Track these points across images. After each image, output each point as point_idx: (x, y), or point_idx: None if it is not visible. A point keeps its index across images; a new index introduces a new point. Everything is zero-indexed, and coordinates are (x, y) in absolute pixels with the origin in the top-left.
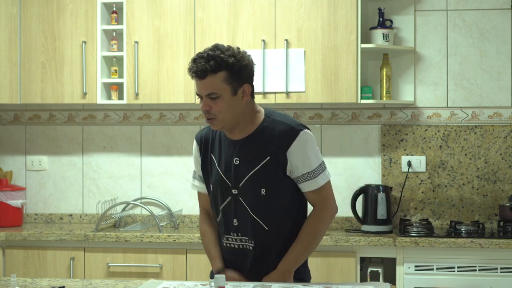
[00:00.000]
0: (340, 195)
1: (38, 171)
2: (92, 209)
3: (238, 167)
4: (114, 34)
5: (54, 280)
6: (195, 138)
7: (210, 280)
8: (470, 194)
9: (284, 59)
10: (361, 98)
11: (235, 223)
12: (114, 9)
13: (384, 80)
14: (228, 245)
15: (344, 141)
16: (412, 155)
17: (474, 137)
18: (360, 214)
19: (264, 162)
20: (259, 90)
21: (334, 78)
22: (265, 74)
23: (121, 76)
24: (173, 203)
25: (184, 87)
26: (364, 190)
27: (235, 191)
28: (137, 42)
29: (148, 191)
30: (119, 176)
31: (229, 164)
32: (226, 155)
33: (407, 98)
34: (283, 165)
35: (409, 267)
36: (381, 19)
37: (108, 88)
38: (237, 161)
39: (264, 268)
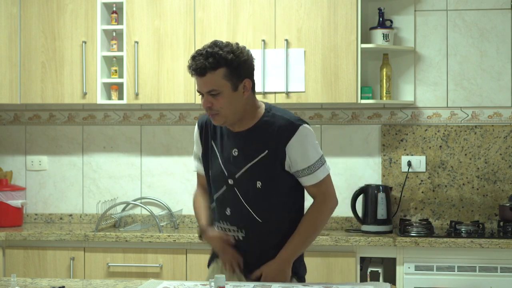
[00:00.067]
0: (340, 195)
1: (38, 171)
2: (92, 209)
3: (236, 158)
4: (114, 34)
5: (54, 280)
6: (197, 123)
7: (210, 280)
8: (470, 194)
9: (284, 59)
10: (361, 98)
11: (228, 212)
12: (114, 9)
13: (384, 80)
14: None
15: (344, 141)
16: (412, 155)
17: (474, 137)
18: (360, 214)
19: (263, 155)
20: (259, 90)
21: (334, 78)
22: (265, 74)
23: (121, 76)
24: (173, 203)
25: (184, 87)
26: (364, 190)
27: (231, 181)
28: (137, 42)
29: (148, 191)
30: (119, 176)
31: (228, 154)
32: (226, 145)
33: (407, 98)
34: (282, 159)
35: (409, 267)
36: (381, 19)
37: (108, 88)
38: (235, 152)
39: (252, 258)
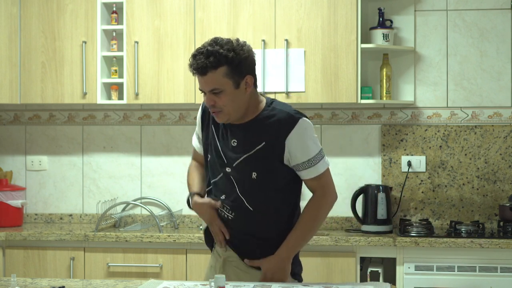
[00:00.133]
0: (340, 195)
1: (38, 171)
2: (92, 209)
3: (235, 148)
4: (114, 34)
5: (54, 280)
6: (201, 104)
7: (210, 280)
8: (470, 194)
9: (284, 59)
10: (361, 98)
11: (223, 197)
12: (114, 9)
13: (384, 80)
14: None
15: (344, 141)
16: (412, 155)
17: (474, 137)
18: (360, 214)
19: (259, 147)
20: (259, 90)
21: (334, 78)
22: (265, 74)
23: (121, 76)
24: (173, 203)
25: (184, 87)
26: (364, 190)
27: (228, 169)
28: (137, 42)
29: (148, 191)
30: (119, 176)
31: (227, 144)
32: (226, 135)
33: (407, 98)
34: (280, 153)
35: (409, 267)
36: (381, 19)
37: (108, 88)
38: (234, 142)
39: (235, 240)
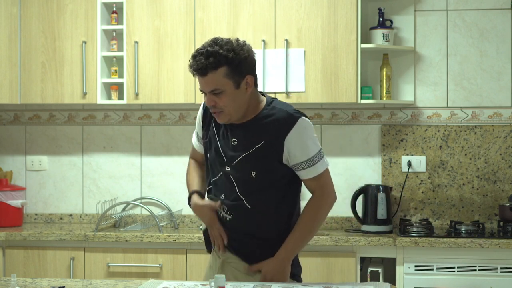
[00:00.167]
0: (340, 195)
1: (38, 171)
2: (92, 209)
3: (234, 147)
4: (114, 34)
5: (54, 280)
6: (202, 104)
7: (210, 280)
8: (470, 194)
9: (284, 59)
10: (361, 98)
11: (222, 197)
12: (114, 9)
13: (384, 80)
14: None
15: (344, 141)
16: (412, 155)
17: (474, 137)
18: (360, 214)
19: (258, 146)
20: (259, 91)
21: (334, 78)
22: (265, 74)
23: (121, 76)
24: (173, 203)
25: (184, 87)
26: (364, 190)
27: (228, 168)
28: (137, 42)
29: (148, 191)
30: (119, 176)
31: (227, 142)
32: (226, 133)
33: (407, 98)
34: (279, 152)
35: (409, 267)
36: (381, 19)
37: (108, 88)
38: (234, 141)
39: (234, 241)
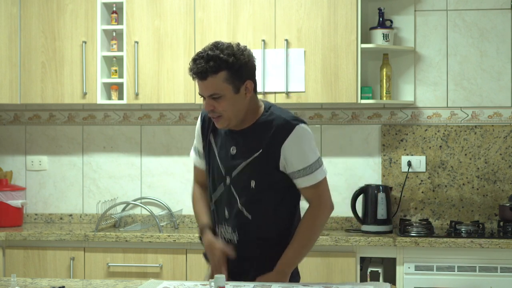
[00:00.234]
0: (340, 195)
1: (38, 171)
2: (92, 209)
3: (233, 156)
4: (114, 34)
5: (54, 280)
6: (200, 115)
7: (210, 280)
8: (470, 194)
9: (284, 59)
10: (361, 98)
11: (226, 213)
12: (114, 9)
13: (384, 80)
14: (222, 236)
15: (344, 141)
16: (412, 155)
17: (474, 137)
18: (360, 214)
19: (257, 155)
20: (259, 90)
21: (334, 78)
22: (265, 74)
23: (121, 76)
24: (173, 203)
25: (184, 87)
26: (364, 190)
27: (228, 180)
28: (137, 42)
29: (148, 191)
30: (119, 176)
31: (226, 152)
32: (225, 143)
33: (407, 98)
34: (276, 159)
35: (409, 267)
36: (381, 19)
37: (108, 88)
38: (233, 150)
39: (246, 264)
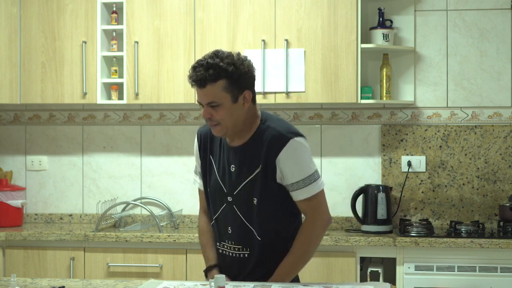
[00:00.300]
0: (340, 195)
1: (38, 171)
2: (92, 209)
3: (233, 174)
4: (114, 34)
5: (54, 280)
6: (196, 134)
7: (210, 280)
8: (470, 194)
9: (284, 59)
10: (361, 98)
11: (229, 230)
12: (114, 9)
13: (384, 80)
14: (224, 252)
15: (344, 141)
16: (412, 155)
17: (474, 137)
18: (360, 214)
19: (258, 171)
20: (259, 90)
21: (334, 78)
22: (265, 74)
23: (121, 76)
24: (173, 203)
25: (184, 87)
26: (364, 190)
27: (230, 198)
28: (137, 42)
29: (148, 191)
30: (119, 176)
31: (226, 170)
32: (224, 161)
33: (407, 98)
34: (273, 172)
35: (409, 267)
36: (381, 19)
37: (108, 88)
38: (233, 168)
39: (262, 273)
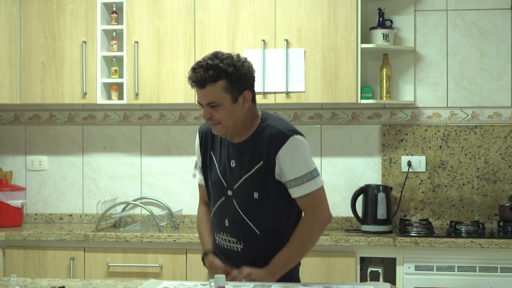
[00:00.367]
0: (340, 195)
1: (38, 171)
2: (92, 209)
3: (234, 169)
4: (114, 34)
5: (54, 280)
6: (198, 131)
7: (210, 280)
8: (470, 194)
9: (284, 59)
10: (361, 98)
11: (226, 223)
12: (114, 9)
13: (384, 80)
14: (220, 244)
15: (344, 141)
16: (412, 155)
17: (474, 137)
18: (360, 214)
19: (258, 167)
20: (259, 90)
21: (334, 78)
22: (265, 74)
23: (121, 76)
24: (173, 203)
25: (184, 87)
26: (364, 190)
27: (230, 192)
28: (137, 42)
29: (148, 191)
30: (119, 176)
31: (226, 166)
32: (224, 156)
33: (407, 98)
34: (273, 169)
35: (409, 267)
36: (381, 19)
37: (108, 88)
38: (233, 163)
39: (255, 266)
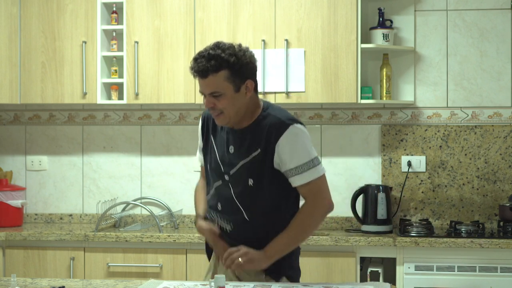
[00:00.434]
0: (340, 195)
1: (38, 171)
2: (92, 209)
3: (232, 155)
4: (114, 34)
5: (54, 280)
6: (201, 115)
7: (210, 280)
8: (470, 194)
9: (284, 59)
10: (361, 98)
11: (219, 207)
12: (114, 9)
13: (384, 80)
14: (213, 219)
15: (344, 141)
16: (412, 155)
17: (474, 137)
18: (360, 214)
19: (255, 154)
20: (259, 90)
21: (334, 78)
22: (265, 74)
23: (121, 76)
24: (173, 203)
25: (184, 87)
26: (364, 190)
27: (226, 177)
28: (137, 42)
29: (148, 191)
30: (119, 176)
31: (224, 151)
32: (224, 142)
33: (407, 98)
34: (271, 158)
35: (409, 267)
36: (381, 19)
37: (108, 88)
38: (231, 149)
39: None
